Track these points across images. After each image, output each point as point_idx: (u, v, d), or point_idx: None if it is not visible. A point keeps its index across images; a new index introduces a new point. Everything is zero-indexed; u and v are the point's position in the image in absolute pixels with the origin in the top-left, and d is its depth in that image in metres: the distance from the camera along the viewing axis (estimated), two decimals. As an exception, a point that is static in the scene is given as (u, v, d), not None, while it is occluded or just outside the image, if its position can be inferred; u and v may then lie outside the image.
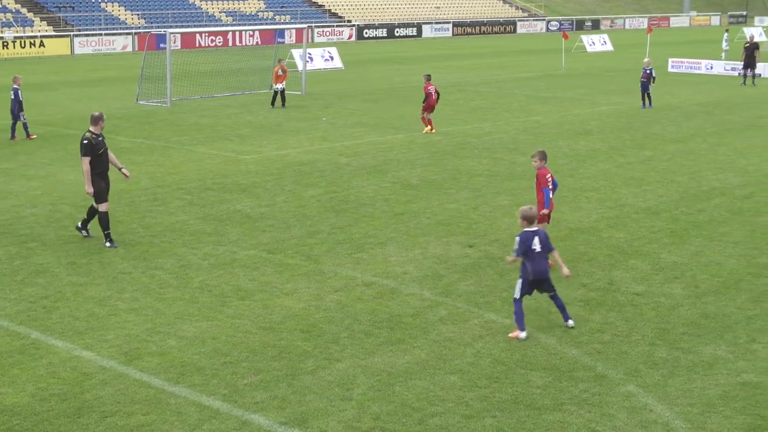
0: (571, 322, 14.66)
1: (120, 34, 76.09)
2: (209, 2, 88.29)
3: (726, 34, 70.23)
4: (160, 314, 15.26)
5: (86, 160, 18.72)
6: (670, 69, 60.93)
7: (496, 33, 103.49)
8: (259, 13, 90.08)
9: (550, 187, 17.72)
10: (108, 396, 12.20)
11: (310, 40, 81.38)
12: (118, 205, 22.55)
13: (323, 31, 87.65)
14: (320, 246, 19.26)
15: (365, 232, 20.29)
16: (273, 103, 40.85)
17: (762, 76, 55.30)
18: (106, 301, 15.82)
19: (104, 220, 18.96)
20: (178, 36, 73.16)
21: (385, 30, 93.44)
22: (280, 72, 40.42)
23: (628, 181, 25.66)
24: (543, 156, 17.92)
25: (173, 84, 43.03)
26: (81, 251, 18.69)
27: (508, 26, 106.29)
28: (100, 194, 18.91)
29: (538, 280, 14.23)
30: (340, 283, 16.71)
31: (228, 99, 44.24)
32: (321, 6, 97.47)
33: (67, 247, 19.03)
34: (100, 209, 18.97)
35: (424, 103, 33.87)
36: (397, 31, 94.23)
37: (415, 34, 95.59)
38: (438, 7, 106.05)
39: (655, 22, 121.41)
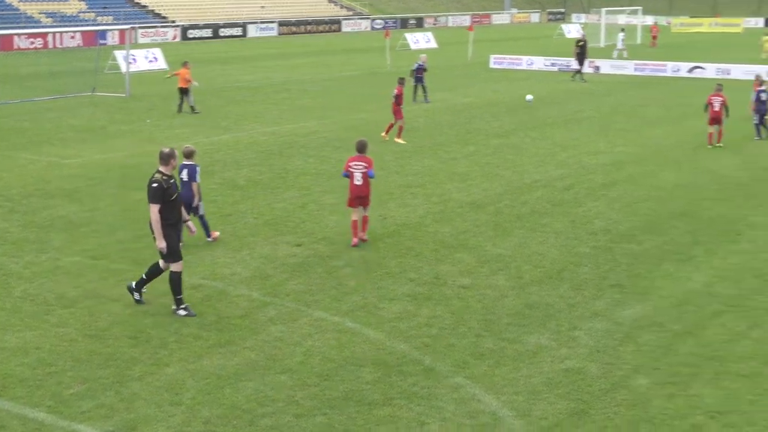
0: (216, 234, 19.76)
1: (-68, 36, 73.27)
2: (27, 3, 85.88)
3: (621, 34, 69.35)
4: (-20, 326, 14.80)
5: (155, 207, 15.04)
6: (491, 65, 62.16)
7: (321, 32, 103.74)
8: (81, 14, 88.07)
9: (353, 173, 19.26)
10: (-75, 413, 11.78)
11: (133, 41, 79.98)
12: (-66, 214, 21.80)
13: (147, 32, 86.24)
14: (147, 250, 18.94)
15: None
16: (191, 108, 39.17)
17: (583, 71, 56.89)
18: None
19: (177, 283, 15.36)
20: (-5, 38, 70.91)
21: (210, 30, 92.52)
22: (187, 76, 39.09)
23: (453, 176, 26.09)
24: (356, 145, 19.64)
25: (-10, 88, 41.73)
26: None
27: (333, 25, 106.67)
28: (173, 251, 15.32)
29: (186, 203, 18.05)
30: (167, 286, 16.51)
31: (49, 102, 43.06)
32: (144, 6, 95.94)
33: None
34: (172, 269, 15.33)
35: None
36: (222, 31, 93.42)
37: (241, 33, 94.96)
38: (263, 7, 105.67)
39: (477, 20, 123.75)
